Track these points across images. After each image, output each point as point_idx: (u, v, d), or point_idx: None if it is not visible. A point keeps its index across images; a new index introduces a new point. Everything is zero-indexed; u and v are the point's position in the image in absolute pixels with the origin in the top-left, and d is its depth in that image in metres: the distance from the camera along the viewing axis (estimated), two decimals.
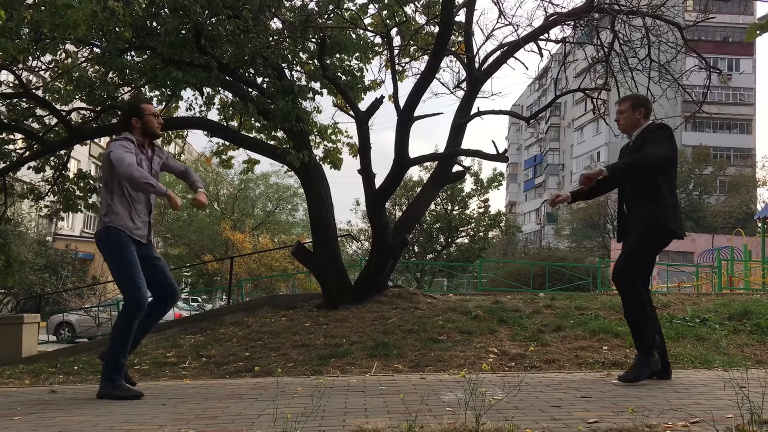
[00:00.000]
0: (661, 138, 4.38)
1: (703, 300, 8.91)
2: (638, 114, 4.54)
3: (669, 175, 4.39)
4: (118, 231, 4.37)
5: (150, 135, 4.63)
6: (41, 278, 26.72)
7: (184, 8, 7.51)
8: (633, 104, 4.58)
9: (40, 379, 6.31)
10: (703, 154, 46.50)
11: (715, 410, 3.28)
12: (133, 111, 4.62)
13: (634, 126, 4.56)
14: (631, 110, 4.55)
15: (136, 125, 4.56)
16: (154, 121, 4.63)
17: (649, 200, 4.33)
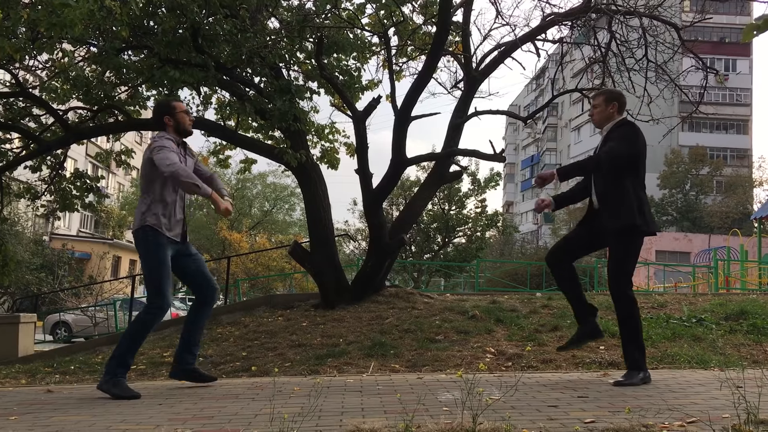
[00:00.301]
0: (624, 135, 4.38)
1: (699, 300, 8.93)
2: (611, 108, 4.55)
3: (636, 173, 4.40)
4: (155, 231, 4.38)
5: (183, 133, 4.63)
6: (38, 278, 26.66)
7: (181, 7, 7.50)
8: (606, 98, 4.58)
9: (36, 379, 6.30)
10: (699, 155, 46.60)
11: (711, 410, 3.28)
12: (165, 109, 4.61)
13: (607, 120, 4.56)
14: (605, 104, 4.56)
15: (168, 123, 4.56)
16: (186, 119, 4.63)
17: (616, 200, 4.34)
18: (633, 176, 4.38)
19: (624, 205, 4.31)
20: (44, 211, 11.57)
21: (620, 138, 4.38)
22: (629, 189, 4.34)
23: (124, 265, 39.87)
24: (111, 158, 11.00)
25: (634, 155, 4.37)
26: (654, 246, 32.53)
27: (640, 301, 8.52)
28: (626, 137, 4.38)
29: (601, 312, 7.69)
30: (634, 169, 4.39)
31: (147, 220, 4.39)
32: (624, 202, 4.32)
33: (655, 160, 46.69)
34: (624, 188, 4.34)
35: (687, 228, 41.43)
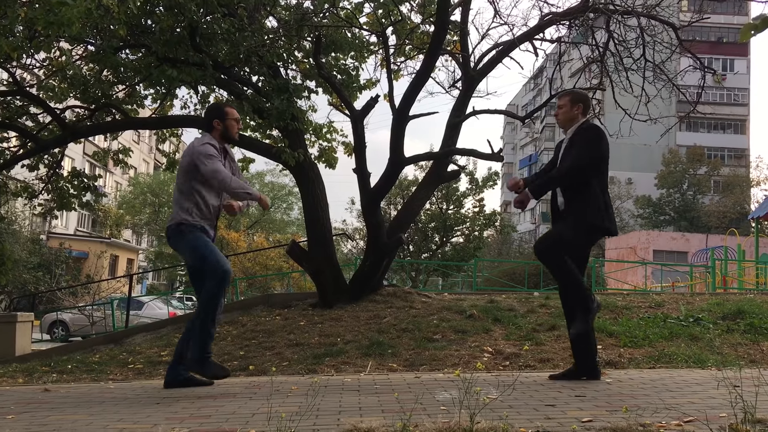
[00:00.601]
0: (588, 140, 4.40)
1: (696, 299, 8.94)
2: (576, 109, 4.55)
3: (601, 174, 4.42)
4: (188, 224, 4.45)
5: (228, 139, 4.68)
6: (35, 277, 26.62)
7: (179, 6, 7.50)
8: (572, 99, 4.59)
9: (33, 378, 6.28)
10: (697, 154, 46.68)
11: (708, 409, 3.29)
12: (217, 113, 4.66)
13: (571, 121, 4.56)
14: (570, 105, 4.56)
15: (217, 127, 4.61)
16: (234, 127, 4.68)
17: (582, 201, 4.35)
18: (598, 178, 4.40)
19: (590, 206, 4.33)
20: (41, 209, 11.55)
21: (584, 142, 4.39)
22: (596, 191, 4.36)
23: (122, 264, 39.83)
24: (108, 157, 10.99)
25: (598, 158, 4.38)
26: (652, 245, 32.60)
27: (637, 301, 8.56)
28: (590, 141, 4.39)
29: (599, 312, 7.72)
30: (599, 172, 4.41)
31: (182, 217, 4.46)
32: (590, 203, 4.33)
33: (652, 159, 46.81)
34: (590, 190, 4.35)
35: (684, 228, 41.50)
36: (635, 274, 22.48)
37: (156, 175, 45.51)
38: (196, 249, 4.44)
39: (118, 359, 6.94)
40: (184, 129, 10.90)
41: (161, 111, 10.30)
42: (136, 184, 42.91)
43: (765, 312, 7.40)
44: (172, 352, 6.88)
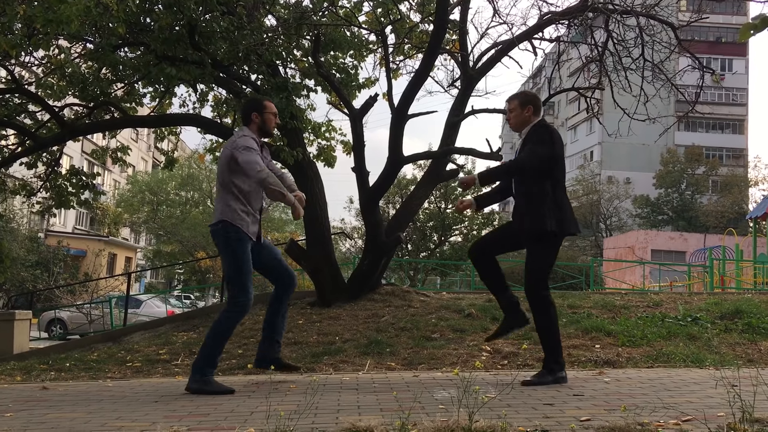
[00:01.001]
0: (541, 139, 4.37)
1: (695, 299, 8.95)
2: (527, 111, 4.52)
3: (554, 175, 4.38)
4: (234, 226, 4.38)
5: (265, 133, 4.66)
6: (33, 275, 26.59)
7: (178, 4, 7.49)
8: (521, 102, 4.55)
9: (31, 376, 6.28)
10: (695, 154, 46.72)
11: (706, 408, 3.29)
12: (255, 106, 4.64)
13: (524, 123, 4.53)
14: (520, 108, 4.53)
15: (255, 120, 4.57)
16: (272, 121, 4.65)
17: (536, 203, 4.32)
18: (552, 178, 4.36)
19: (543, 208, 4.30)
20: (40, 208, 11.54)
21: (537, 141, 4.37)
22: (548, 192, 4.33)
23: (120, 262, 39.80)
24: (107, 155, 10.99)
25: (552, 157, 4.35)
26: (650, 245, 32.65)
27: (635, 301, 8.57)
28: (543, 140, 4.35)
29: (596, 311, 7.74)
30: (553, 172, 4.37)
31: (226, 215, 4.39)
32: (543, 205, 4.31)
33: (651, 159, 46.85)
34: (543, 191, 4.33)
35: (683, 227, 41.54)
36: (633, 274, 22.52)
37: (154, 173, 45.46)
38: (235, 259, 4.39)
39: (116, 357, 6.93)
40: (183, 127, 10.89)
41: (160, 109, 10.29)
42: (134, 183, 42.88)
43: (763, 311, 7.41)
44: (170, 351, 6.91)
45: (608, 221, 46.17)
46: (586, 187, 48.25)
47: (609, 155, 50.97)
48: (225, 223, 4.39)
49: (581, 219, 45.54)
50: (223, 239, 4.41)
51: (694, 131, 50.89)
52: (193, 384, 4.24)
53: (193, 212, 41.33)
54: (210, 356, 4.32)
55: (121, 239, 41.92)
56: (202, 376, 4.25)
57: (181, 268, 40.67)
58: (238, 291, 4.35)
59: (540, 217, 4.30)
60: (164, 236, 41.36)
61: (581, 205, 46.28)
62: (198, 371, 4.27)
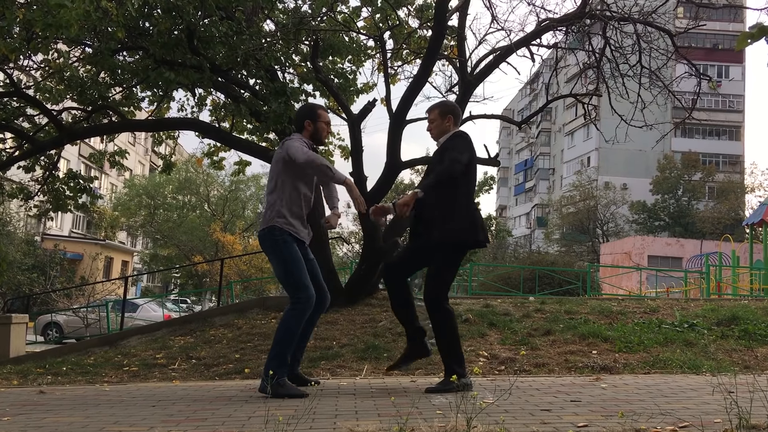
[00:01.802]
0: (455, 146, 4.33)
1: (691, 305, 8.96)
2: (447, 121, 4.49)
3: (466, 183, 4.35)
4: (282, 230, 4.37)
5: (317, 141, 4.64)
6: (29, 278, 26.54)
7: (177, 9, 7.51)
8: (441, 112, 4.53)
9: (28, 380, 6.27)
10: (692, 160, 46.82)
11: (703, 415, 3.30)
12: (309, 114, 4.62)
13: (443, 133, 4.50)
14: (440, 119, 4.50)
15: (308, 127, 4.57)
16: (325, 130, 4.65)
17: (447, 213, 4.26)
18: (464, 187, 4.32)
19: (455, 218, 4.25)
20: (37, 211, 11.53)
21: (455, 149, 4.32)
22: (462, 202, 4.29)
23: (116, 266, 39.73)
24: (104, 159, 10.99)
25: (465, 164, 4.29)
26: (646, 251, 32.68)
27: (632, 307, 8.58)
28: (457, 148, 4.31)
29: (593, 316, 7.75)
30: (465, 180, 4.33)
31: (275, 220, 4.38)
32: (455, 215, 4.26)
33: (647, 165, 46.95)
34: (455, 200, 4.28)
35: (679, 233, 41.60)
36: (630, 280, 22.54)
37: (152, 177, 45.45)
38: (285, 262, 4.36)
39: (112, 361, 6.92)
40: (181, 131, 10.90)
41: (158, 113, 10.30)
42: (131, 186, 42.86)
43: (759, 318, 7.43)
44: (167, 355, 6.91)
45: (605, 227, 46.22)
46: (583, 192, 48.31)
47: (606, 161, 51.06)
48: (272, 229, 4.38)
49: (578, 224, 45.65)
50: (270, 243, 4.40)
51: (691, 138, 51.04)
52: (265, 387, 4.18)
53: (190, 216, 41.34)
54: (280, 358, 4.27)
55: (117, 243, 41.86)
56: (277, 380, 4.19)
57: (178, 272, 40.63)
58: (295, 289, 4.32)
59: (451, 227, 4.23)
60: (161, 240, 41.34)
61: (578, 210, 46.34)
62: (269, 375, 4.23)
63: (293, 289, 4.33)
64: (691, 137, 51.00)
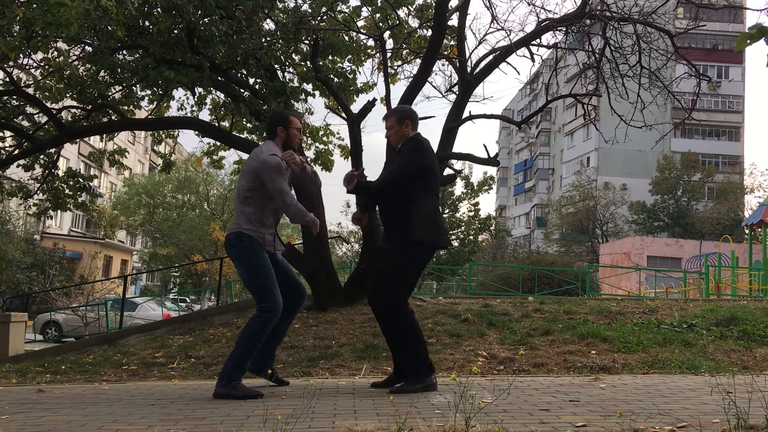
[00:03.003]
0: (409, 150, 4.34)
1: (690, 306, 8.97)
2: (406, 127, 4.49)
3: (426, 186, 4.32)
4: (250, 237, 4.36)
5: (289, 148, 4.61)
6: (28, 277, 26.53)
7: (177, 8, 7.50)
8: (399, 118, 4.52)
9: (27, 378, 6.27)
10: (691, 161, 46.84)
11: (701, 415, 3.31)
12: (282, 121, 4.62)
13: (402, 138, 4.49)
14: (399, 125, 4.50)
15: (280, 134, 4.56)
16: (297, 136, 4.65)
17: (406, 215, 4.27)
18: (422, 191, 4.30)
19: (413, 219, 4.25)
20: (36, 209, 11.52)
21: (405, 153, 4.34)
22: (419, 203, 4.28)
23: (116, 264, 39.73)
24: (104, 157, 10.98)
25: (420, 169, 4.29)
26: (646, 251, 32.69)
27: (631, 307, 8.59)
28: (411, 151, 4.32)
29: (592, 316, 7.75)
30: (424, 182, 4.31)
31: (244, 228, 4.38)
32: (413, 216, 4.25)
33: (647, 165, 46.97)
34: (416, 203, 4.27)
35: (678, 234, 41.63)
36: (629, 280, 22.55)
37: (151, 176, 45.43)
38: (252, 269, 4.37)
39: (111, 360, 6.92)
40: (181, 130, 10.90)
41: (158, 112, 10.30)
42: (130, 185, 42.85)
43: (758, 319, 7.43)
44: (166, 354, 6.90)
45: (604, 227, 46.24)
46: (583, 192, 48.33)
47: (605, 161, 51.09)
48: (240, 235, 4.37)
49: (578, 225, 45.66)
50: (236, 250, 4.40)
51: (691, 138, 51.07)
52: (221, 389, 4.20)
53: (189, 215, 41.33)
54: (239, 362, 4.27)
55: (117, 242, 41.85)
56: (230, 381, 4.21)
57: (177, 271, 40.61)
58: (262, 297, 4.32)
59: (408, 228, 4.24)
60: (160, 239, 41.32)
61: (578, 210, 46.35)
62: (225, 377, 4.23)
63: (260, 297, 4.33)
64: (690, 138, 51.03)
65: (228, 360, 4.31)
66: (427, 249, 4.35)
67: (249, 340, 4.31)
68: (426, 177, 4.31)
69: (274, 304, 4.30)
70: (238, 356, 4.28)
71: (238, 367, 4.27)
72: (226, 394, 4.15)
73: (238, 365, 4.27)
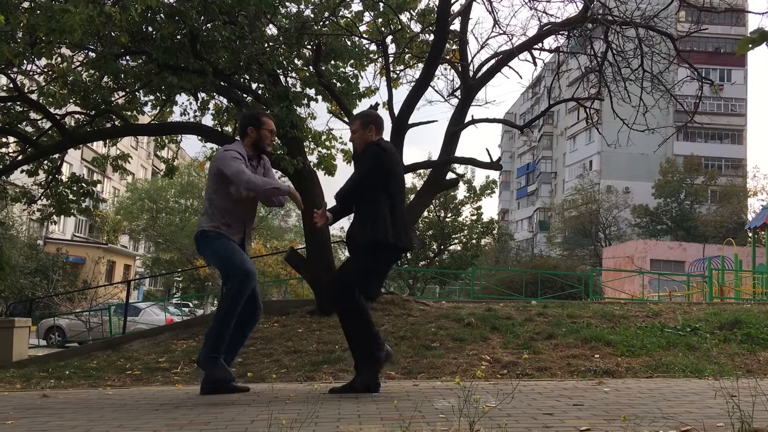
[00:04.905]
0: (367, 156, 4.37)
1: (694, 309, 8.96)
2: (369, 132, 4.50)
3: (386, 190, 4.34)
4: (216, 232, 4.38)
5: (259, 149, 4.60)
6: (32, 282, 26.55)
7: (180, 14, 7.53)
8: (362, 123, 4.54)
9: (31, 384, 6.28)
10: (694, 164, 46.79)
11: (706, 419, 3.30)
12: (252, 121, 4.60)
13: (365, 143, 4.51)
14: (362, 129, 4.51)
15: (250, 134, 4.55)
16: (268, 138, 4.62)
17: (370, 219, 4.31)
18: (384, 193, 4.33)
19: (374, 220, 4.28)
20: (40, 215, 11.55)
21: (363, 160, 4.39)
22: (382, 206, 4.30)
23: (119, 269, 39.77)
24: (107, 163, 11.01)
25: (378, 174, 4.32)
26: (649, 255, 32.66)
27: (635, 310, 8.58)
28: (370, 157, 4.35)
29: (596, 320, 7.75)
30: (384, 187, 4.34)
31: (207, 225, 4.41)
32: (374, 218, 4.29)
33: (650, 169, 46.92)
34: (375, 205, 4.31)
35: (681, 237, 41.57)
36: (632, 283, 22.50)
37: (154, 181, 45.50)
38: (217, 251, 4.39)
39: (115, 365, 6.93)
40: (183, 136, 10.92)
41: (161, 117, 10.32)
42: (133, 190, 42.91)
43: (762, 322, 7.42)
44: (170, 359, 6.91)
45: (607, 231, 46.19)
46: (585, 196, 48.32)
47: (608, 165, 51.08)
48: (206, 232, 4.41)
49: (581, 228, 45.62)
50: (206, 245, 4.43)
51: (693, 141, 51.02)
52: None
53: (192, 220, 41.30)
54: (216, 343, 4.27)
55: (120, 247, 41.90)
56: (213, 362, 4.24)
57: (180, 276, 40.64)
58: (233, 268, 4.32)
59: (369, 228, 4.29)
60: (163, 244, 41.35)
61: (580, 214, 46.32)
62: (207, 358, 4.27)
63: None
64: (693, 141, 50.97)
65: (207, 338, 4.33)
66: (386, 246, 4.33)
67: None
68: (386, 181, 4.35)
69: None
70: (214, 337, 4.29)
71: (215, 349, 4.28)
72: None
73: (216, 347, 4.28)
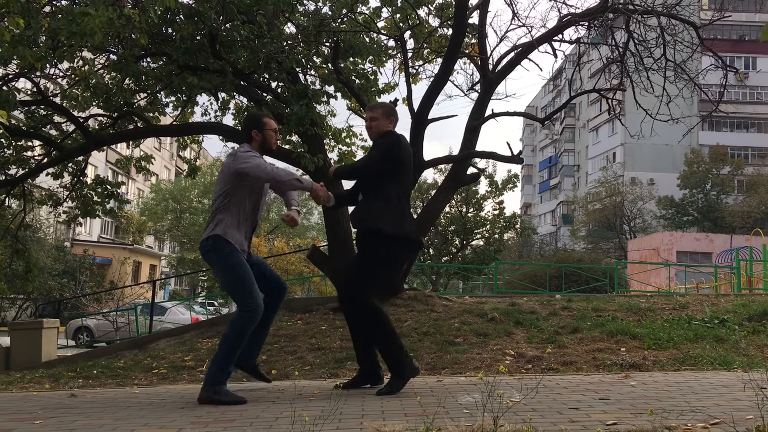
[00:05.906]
0: (385, 144, 4.35)
1: (721, 301, 8.83)
2: (389, 123, 4.50)
3: (397, 180, 4.33)
4: (227, 242, 4.34)
5: (265, 150, 4.60)
6: (60, 283, 26.95)
7: (199, 14, 7.57)
8: (385, 112, 4.53)
9: (59, 384, 6.37)
10: (720, 154, 46.05)
11: (735, 411, 3.25)
12: (255, 123, 4.59)
13: (381, 132, 4.50)
14: (385, 118, 4.50)
15: (255, 137, 4.53)
16: (272, 138, 4.61)
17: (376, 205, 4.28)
18: (395, 184, 4.32)
19: (383, 210, 4.25)
20: (66, 217, 11.70)
21: (381, 146, 4.37)
22: (392, 196, 4.29)
23: (144, 270, 40.21)
24: (131, 164, 11.12)
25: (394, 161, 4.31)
26: (675, 246, 32.25)
27: (661, 303, 8.48)
28: (387, 145, 4.34)
29: (621, 313, 7.67)
30: (396, 177, 4.33)
31: (216, 230, 4.37)
32: (384, 208, 4.26)
33: (675, 159, 46.35)
34: (387, 194, 4.28)
35: (708, 228, 40.97)
36: (659, 276, 22.24)
37: (177, 181, 45.93)
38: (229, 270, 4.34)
39: (142, 364, 7.01)
40: (205, 136, 10.99)
41: (182, 118, 10.40)
42: (157, 191, 43.34)
43: None
44: (196, 357, 6.97)
45: (632, 223, 45.71)
46: (609, 188, 47.83)
47: (632, 156, 50.53)
48: (216, 238, 4.34)
49: (605, 221, 45.19)
50: (213, 254, 4.37)
51: (719, 131, 50.23)
52: (204, 394, 4.18)
53: None
54: (222, 365, 4.26)
55: (145, 247, 42.35)
56: (213, 385, 4.19)
57: (205, 275, 40.95)
58: (242, 297, 4.29)
59: (378, 217, 4.25)
60: (188, 243, 41.71)
61: (604, 207, 45.88)
62: (209, 381, 4.22)
63: (241, 298, 4.30)
64: (718, 130, 50.18)
65: (212, 364, 4.31)
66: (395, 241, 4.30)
67: (232, 342, 4.29)
68: (398, 170, 4.35)
69: (255, 303, 4.27)
70: (221, 359, 4.27)
71: (222, 371, 4.25)
72: (209, 399, 4.14)
73: (222, 369, 4.26)
